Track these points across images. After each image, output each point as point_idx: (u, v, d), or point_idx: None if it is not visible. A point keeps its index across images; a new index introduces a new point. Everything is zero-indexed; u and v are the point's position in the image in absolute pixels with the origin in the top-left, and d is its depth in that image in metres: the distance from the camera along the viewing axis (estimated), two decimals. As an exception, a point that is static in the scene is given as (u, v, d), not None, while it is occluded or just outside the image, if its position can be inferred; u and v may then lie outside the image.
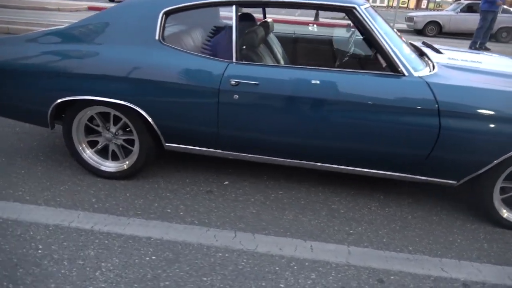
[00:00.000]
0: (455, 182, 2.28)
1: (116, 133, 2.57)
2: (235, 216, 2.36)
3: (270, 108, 2.21)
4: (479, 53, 3.08)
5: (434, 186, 2.80)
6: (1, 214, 2.23)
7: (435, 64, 2.36)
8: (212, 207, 2.43)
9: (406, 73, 2.13)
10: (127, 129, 2.56)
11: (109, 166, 2.63)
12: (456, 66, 2.40)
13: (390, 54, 2.13)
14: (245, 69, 2.22)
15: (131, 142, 2.59)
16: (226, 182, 2.72)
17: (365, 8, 2.21)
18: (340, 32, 3.49)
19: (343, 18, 15.57)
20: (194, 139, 2.42)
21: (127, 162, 2.61)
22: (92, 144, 2.66)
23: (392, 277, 1.94)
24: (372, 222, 2.38)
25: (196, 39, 2.58)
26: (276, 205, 2.50)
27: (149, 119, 2.36)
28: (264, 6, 2.50)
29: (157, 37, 2.29)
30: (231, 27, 2.27)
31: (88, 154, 2.64)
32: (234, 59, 2.25)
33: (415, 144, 2.16)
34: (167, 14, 2.31)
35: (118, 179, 2.65)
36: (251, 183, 2.73)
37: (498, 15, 8.68)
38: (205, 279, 1.86)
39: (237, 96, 2.21)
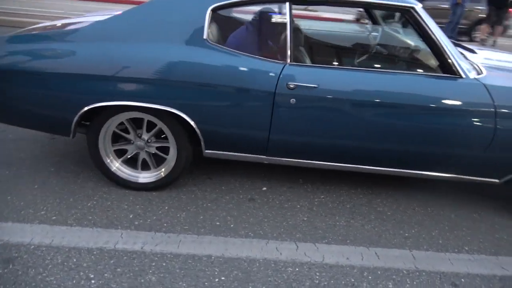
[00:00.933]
0: (497, 180, 2.33)
1: (149, 140, 2.33)
2: (288, 225, 2.25)
3: (327, 112, 2.12)
4: (503, 52, 3.18)
5: (462, 184, 2.87)
6: (31, 240, 1.95)
7: (479, 65, 2.38)
8: (261, 217, 2.30)
9: (463, 75, 2.12)
10: (162, 136, 2.33)
11: (145, 176, 2.39)
12: (498, 67, 2.45)
13: (449, 56, 2.11)
14: (302, 71, 2.09)
15: (162, 149, 2.36)
16: (264, 188, 2.60)
17: (421, 8, 2.16)
18: (350, 27, 3.40)
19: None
20: (240, 145, 2.26)
21: (163, 170, 2.38)
22: (117, 154, 2.40)
23: (463, 280, 1.95)
24: (421, 223, 2.38)
25: (243, 38, 2.39)
26: (324, 210, 2.42)
27: (193, 125, 2.16)
28: (319, 4, 2.37)
29: (205, 36, 2.08)
30: (284, 25, 2.12)
31: (118, 167, 2.37)
32: (288, 60, 2.11)
33: (470, 145, 2.17)
34: (214, 10, 2.11)
35: (149, 190, 2.42)
36: (289, 188, 2.62)
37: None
38: (288, 298, 1.75)
39: (294, 100, 2.08)
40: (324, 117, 2.12)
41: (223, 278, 1.83)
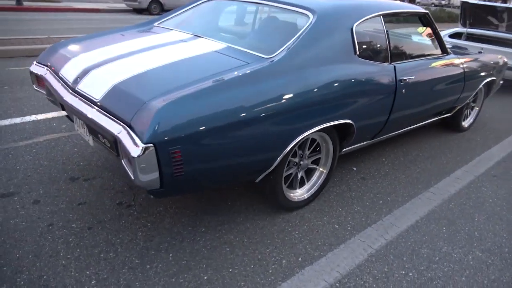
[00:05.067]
0: None
1: (306, 157, 2.44)
2: (403, 184, 2.96)
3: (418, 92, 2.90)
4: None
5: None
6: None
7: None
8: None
9: (450, 52, 3.35)
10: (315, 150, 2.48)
11: (301, 194, 2.49)
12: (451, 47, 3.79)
13: (443, 43, 3.25)
14: (402, 68, 2.76)
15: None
16: (354, 168, 3.12)
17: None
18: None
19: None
20: (367, 132, 2.70)
21: (316, 185, 2.55)
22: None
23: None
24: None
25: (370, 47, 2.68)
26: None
27: (355, 129, 2.46)
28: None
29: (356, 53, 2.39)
30: (386, 32, 2.68)
31: (295, 194, 2.39)
32: (390, 61, 2.71)
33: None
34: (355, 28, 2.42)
35: (302, 207, 2.53)
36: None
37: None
38: None
39: (404, 90, 2.75)
40: (416, 95, 2.89)
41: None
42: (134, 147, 1.57)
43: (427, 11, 3.14)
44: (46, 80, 2.41)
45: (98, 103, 1.88)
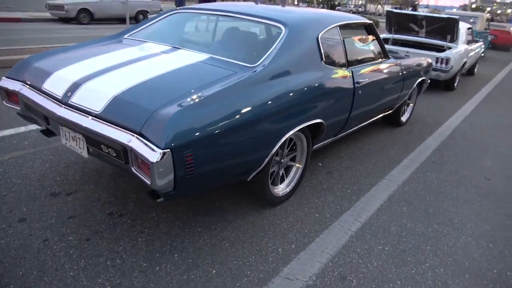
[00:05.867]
0: None
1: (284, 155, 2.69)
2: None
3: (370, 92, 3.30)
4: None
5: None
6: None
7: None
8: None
9: (389, 57, 3.83)
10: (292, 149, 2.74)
11: (282, 189, 2.72)
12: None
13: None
14: (357, 72, 3.13)
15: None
16: (320, 164, 3.44)
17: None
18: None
19: None
20: (333, 130, 3.02)
21: (295, 178, 2.80)
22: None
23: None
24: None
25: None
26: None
27: (325, 127, 2.75)
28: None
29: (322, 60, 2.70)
30: (343, 41, 3.03)
31: (278, 189, 2.61)
32: (347, 66, 3.06)
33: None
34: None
35: (284, 201, 2.76)
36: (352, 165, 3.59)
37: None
38: None
39: (360, 91, 3.13)
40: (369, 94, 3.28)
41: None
42: (152, 153, 1.68)
43: (371, 21, 3.57)
44: (23, 95, 2.38)
45: (100, 115, 1.94)
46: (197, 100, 1.89)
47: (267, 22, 2.70)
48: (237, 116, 1.98)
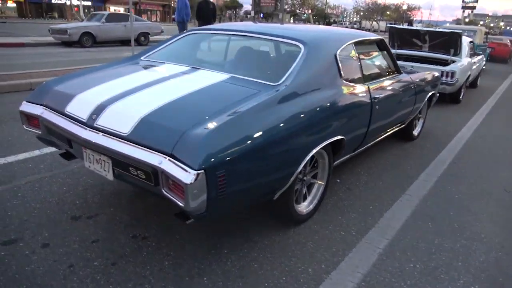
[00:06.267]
0: None
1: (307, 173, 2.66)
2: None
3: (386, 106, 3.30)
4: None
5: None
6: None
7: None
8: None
9: (401, 72, 3.85)
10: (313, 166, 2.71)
11: (306, 206, 2.68)
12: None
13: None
14: (374, 87, 3.13)
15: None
16: (338, 181, 3.41)
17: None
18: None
19: None
20: (352, 145, 3.00)
21: (317, 196, 2.76)
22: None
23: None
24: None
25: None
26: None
27: (345, 143, 2.74)
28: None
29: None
30: (358, 57, 3.05)
31: (301, 207, 2.57)
32: (363, 82, 3.06)
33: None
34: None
35: (307, 220, 2.71)
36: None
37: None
38: None
39: (378, 106, 3.12)
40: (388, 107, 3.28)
41: None
42: (185, 174, 1.66)
43: (382, 38, 3.60)
44: (45, 119, 2.37)
45: (127, 137, 1.92)
46: (227, 120, 1.88)
47: (285, 41, 2.72)
48: (266, 135, 1.96)
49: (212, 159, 1.71)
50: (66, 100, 2.32)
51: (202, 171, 1.66)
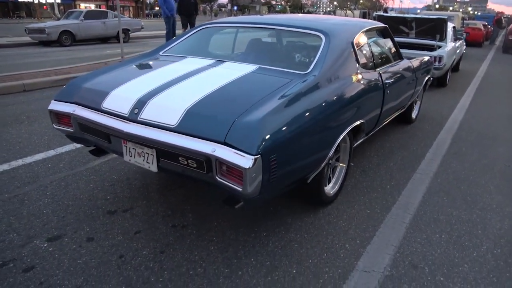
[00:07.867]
0: None
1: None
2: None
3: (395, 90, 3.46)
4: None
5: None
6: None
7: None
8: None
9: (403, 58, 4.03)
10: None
11: (332, 187, 2.81)
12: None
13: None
14: (384, 72, 3.28)
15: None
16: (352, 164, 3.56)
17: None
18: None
19: None
20: (368, 129, 3.14)
21: (340, 179, 2.90)
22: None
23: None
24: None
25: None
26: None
27: (365, 126, 2.89)
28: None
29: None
30: (369, 45, 3.19)
31: (328, 189, 2.70)
32: (375, 68, 3.21)
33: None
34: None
35: (333, 201, 2.85)
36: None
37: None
38: None
39: (388, 91, 3.28)
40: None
41: (441, 200, 2.97)
42: (243, 160, 1.75)
43: (386, 25, 3.75)
44: (78, 116, 2.40)
45: (175, 129, 2.00)
46: (275, 107, 1.98)
47: (307, 32, 2.82)
48: (308, 119, 2.09)
49: (267, 144, 1.81)
50: (100, 96, 2.36)
51: (259, 155, 1.76)
